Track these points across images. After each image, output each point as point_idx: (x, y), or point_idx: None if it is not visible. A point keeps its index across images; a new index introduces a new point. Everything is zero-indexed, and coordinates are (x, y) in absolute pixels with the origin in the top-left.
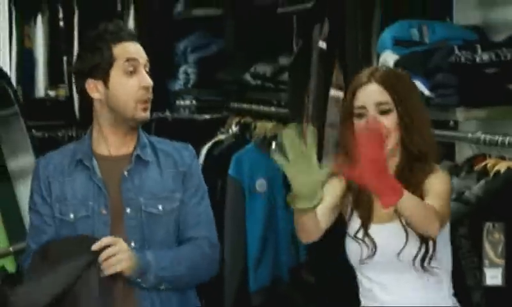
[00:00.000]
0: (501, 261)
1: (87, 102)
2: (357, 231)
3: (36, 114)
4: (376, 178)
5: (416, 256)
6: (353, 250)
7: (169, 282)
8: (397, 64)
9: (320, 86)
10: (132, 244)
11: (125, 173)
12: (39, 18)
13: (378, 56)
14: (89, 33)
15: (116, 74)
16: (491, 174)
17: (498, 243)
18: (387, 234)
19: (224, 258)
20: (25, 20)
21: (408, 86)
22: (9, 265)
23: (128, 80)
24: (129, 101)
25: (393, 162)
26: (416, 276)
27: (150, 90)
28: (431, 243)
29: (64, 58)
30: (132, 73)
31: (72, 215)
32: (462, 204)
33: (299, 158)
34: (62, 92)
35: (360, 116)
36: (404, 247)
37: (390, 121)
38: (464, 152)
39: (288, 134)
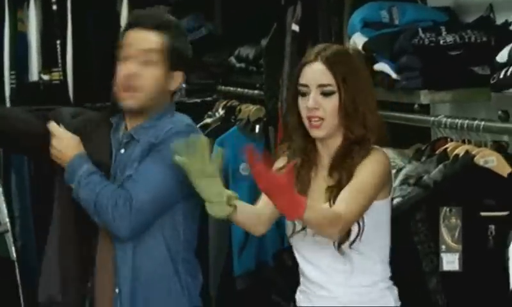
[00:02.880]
0: (458, 247)
1: None
2: None
3: (30, 98)
4: (279, 196)
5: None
6: (287, 223)
7: (80, 199)
8: (364, 46)
9: (293, 68)
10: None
11: (122, 151)
12: (31, 2)
13: (349, 38)
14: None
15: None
16: (450, 158)
17: (455, 228)
18: None
19: (209, 241)
20: (18, 3)
21: (355, 68)
22: None
23: (119, 66)
24: (117, 88)
25: (333, 144)
26: (338, 255)
27: (131, 78)
28: (355, 229)
29: (58, 42)
30: (122, 60)
31: None
32: (420, 189)
33: (203, 165)
34: (56, 76)
35: (303, 94)
36: None
37: (330, 104)
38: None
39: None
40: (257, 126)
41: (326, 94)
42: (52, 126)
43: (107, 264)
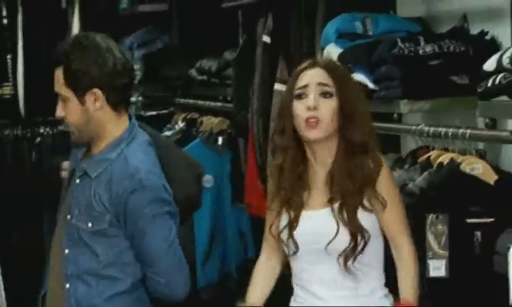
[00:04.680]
0: (444, 253)
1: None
2: (282, 230)
3: None
4: None
5: (342, 253)
6: (288, 243)
7: None
8: (340, 57)
9: (264, 80)
10: (66, 251)
11: (77, 181)
12: None
13: (322, 50)
14: None
15: None
16: (435, 166)
17: (442, 234)
18: (318, 222)
19: None
20: None
21: (349, 78)
22: None
23: None
24: None
25: (329, 152)
26: (340, 268)
27: (62, 120)
28: (361, 243)
29: (9, 56)
30: None
31: None
32: (405, 196)
33: None
34: (7, 90)
35: (300, 96)
36: (333, 238)
37: (329, 106)
38: (408, 144)
39: None
40: (220, 139)
41: (325, 95)
42: None
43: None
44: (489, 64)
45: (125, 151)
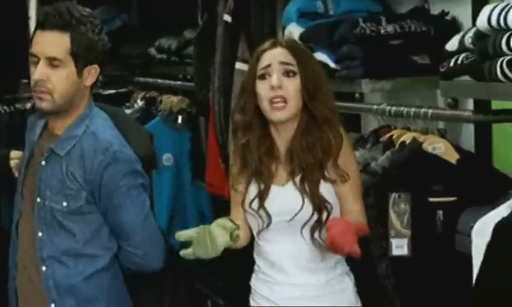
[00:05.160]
0: (407, 232)
1: None
2: (251, 201)
3: None
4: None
5: (305, 224)
6: (251, 221)
7: None
8: (302, 36)
9: (225, 59)
10: (40, 234)
11: (42, 162)
12: None
13: (284, 30)
14: None
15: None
16: (397, 145)
17: (404, 213)
18: (283, 196)
19: None
20: None
21: (310, 56)
22: None
23: (31, 68)
24: (32, 91)
25: (291, 128)
26: (309, 241)
27: (38, 83)
28: (324, 214)
29: None
30: (32, 63)
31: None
32: (368, 175)
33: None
34: None
35: (263, 77)
36: (298, 212)
37: (293, 85)
38: (370, 124)
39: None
40: (180, 117)
41: (288, 74)
42: None
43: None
44: (452, 44)
45: (91, 127)
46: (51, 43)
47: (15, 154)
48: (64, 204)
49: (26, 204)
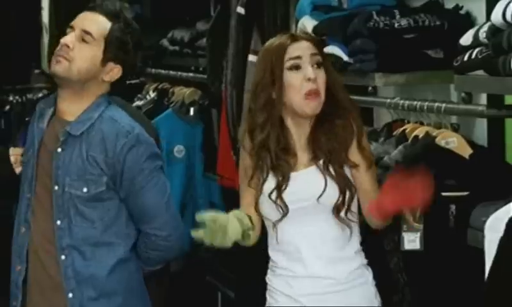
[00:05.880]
0: (419, 226)
1: None
2: (271, 192)
3: None
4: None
5: (336, 203)
6: (269, 212)
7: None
8: (315, 29)
9: (238, 51)
10: (58, 222)
11: (59, 149)
12: None
13: (297, 22)
14: None
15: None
16: (410, 139)
17: None
18: (306, 179)
19: None
20: None
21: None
22: None
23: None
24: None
25: (305, 126)
26: (332, 225)
27: (63, 48)
28: (348, 194)
29: None
30: (67, 33)
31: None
32: (381, 169)
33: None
34: None
35: (296, 67)
36: (323, 192)
37: (322, 76)
38: (383, 117)
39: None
40: (192, 109)
41: (319, 65)
42: None
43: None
44: (466, 39)
45: (108, 112)
46: (92, 20)
47: (14, 151)
48: (85, 190)
49: (39, 195)
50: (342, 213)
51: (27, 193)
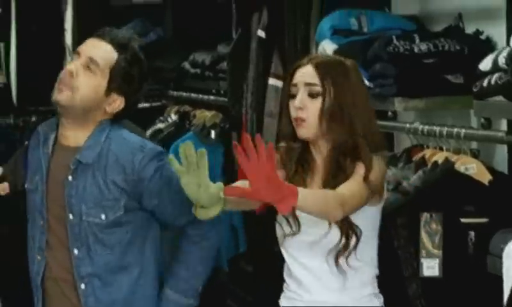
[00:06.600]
0: (438, 252)
1: None
2: None
3: None
4: (270, 190)
5: (333, 249)
6: (279, 224)
7: None
8: (335, 53)
9: (259, 75)
10: (75, 252)
11: (69, 177)
12: None
13: (317, 45)
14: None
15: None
16: (429, 164)
17: (436, 233)
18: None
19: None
20: None
21: (345, 75)
22: None
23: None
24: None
25: (325, 148)
26: (333, 263)
27: (67, 76)
28: (353, 239)
29: (1, 45)
30: (71, 60)
31: (26, 185)
32: (400, 195)
33: (191, 171)
34: None
35: (292, 96)
36: (324, 235)
37: (313, 106)
38: (402, 142)
39: (185, 147)
40: (213, 132)
41: (312, 95)
42: None
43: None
44: (485, 64)
45: (114, 133)
46: (99, 49)
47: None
48: (103, 217)
49: (51, 223)
50: (341, 260)
51: (39, 220)
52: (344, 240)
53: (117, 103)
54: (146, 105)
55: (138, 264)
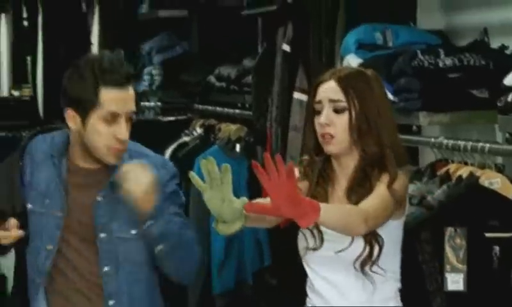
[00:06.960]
0: (463, 267)
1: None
2: None
3: (0, 113)
4: (291, 206)
5: (358, 258)
6: (301, 237)
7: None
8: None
9: (283, 89)
10: (105, 269)
11: (98, 198)
12: (2, 18)
13: (342, 59)
14: (84, 57)
15: (95, 119)
16: (454, 179)
17: (460, 248)
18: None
19: None
20: None
21: (368, 87)
22: None
23: (105, 128)
24: (102, 147)
25: (349, 164)
26: (357, 276)
27: (125, 142)
28: (376, 248)
29: (28, 58)
30: (111, 122)
31: (29, 206)
32: (424, 209)
33: (215, 186)
34: (26, 92)
35: (318, 112)
36: (348, 246)
37: (341, 121)
38: (427, 157)
39: (207, 163)
40: (238, 146)
41: (337, 111)
42: None
43: None
44: (510, 79)
45: (134, 149)
46: (130, 98)
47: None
48: (133, 232)
49: (72, 243)
50: (367, 268)
51: (47, 244)
52: (367, 249)
53: (70, 118)
54: (172, 118)
55: (154, 274)
